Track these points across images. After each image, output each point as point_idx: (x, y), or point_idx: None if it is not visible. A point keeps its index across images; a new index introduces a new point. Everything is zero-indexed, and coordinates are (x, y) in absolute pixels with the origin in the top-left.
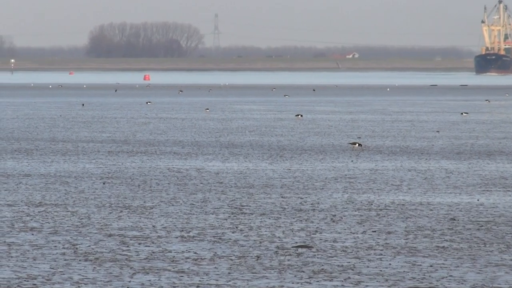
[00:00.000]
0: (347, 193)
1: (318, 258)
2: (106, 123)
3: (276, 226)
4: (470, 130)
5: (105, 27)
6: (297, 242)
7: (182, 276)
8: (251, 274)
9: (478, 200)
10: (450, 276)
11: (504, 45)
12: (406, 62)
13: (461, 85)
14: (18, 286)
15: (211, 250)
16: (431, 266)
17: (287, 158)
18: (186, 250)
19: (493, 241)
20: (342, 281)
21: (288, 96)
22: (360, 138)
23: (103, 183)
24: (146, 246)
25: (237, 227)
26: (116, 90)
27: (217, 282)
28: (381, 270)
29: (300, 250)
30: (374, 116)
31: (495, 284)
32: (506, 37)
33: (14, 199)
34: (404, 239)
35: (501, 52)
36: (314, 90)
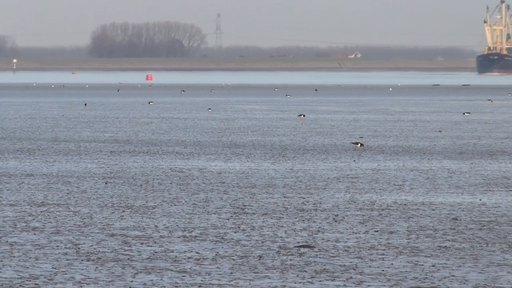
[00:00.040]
0: (349, 193)
1: (320, 258)
2: (108, 123)
3: (278, 226)
4: (473, 130)
5: (107, 27)
6: (299, 242)
7: (184, 276)
8: (253, 274)
9: (480, 200)
10: (452, 276)
11: (506, 44)
12: (408, 62)
13: (463, 85)
14: (20, 286)
15: (213, 250)
16: (433, 266)
17: (290, 158)
18: (188, 250)
19: (495, 241)
20: (344, 281)
21: (290, 96)
22: (362, 138)
23: (105, 183)
24: (148, 246)
25: (239, 227)
26: (118, 90)
27: (219, 282)
28: (383, 270)
29: (302, 250)
30: (376, 116)
31: (497, 284)
32: (508, 36)
33: (16, 199)
34: (406, 239)
35: (503, 52)
36: (316, 90)
